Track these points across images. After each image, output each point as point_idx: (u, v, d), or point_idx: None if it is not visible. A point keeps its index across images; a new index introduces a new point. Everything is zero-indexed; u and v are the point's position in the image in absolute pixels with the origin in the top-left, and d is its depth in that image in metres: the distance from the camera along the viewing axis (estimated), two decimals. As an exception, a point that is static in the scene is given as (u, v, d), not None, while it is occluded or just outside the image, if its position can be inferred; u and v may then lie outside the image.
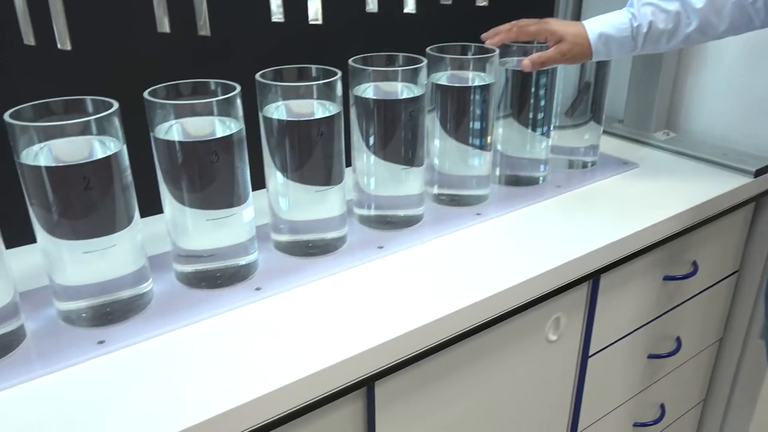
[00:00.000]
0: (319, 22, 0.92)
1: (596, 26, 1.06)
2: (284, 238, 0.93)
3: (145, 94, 0.78)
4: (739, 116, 1.33)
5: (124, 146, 0.74)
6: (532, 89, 1.11)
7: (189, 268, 0.85)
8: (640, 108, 1.42)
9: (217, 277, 0.85)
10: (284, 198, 0.91)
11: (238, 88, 0.81)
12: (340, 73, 0.88)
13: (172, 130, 0.79)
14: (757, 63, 1.28)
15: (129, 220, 0.77)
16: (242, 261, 0.87)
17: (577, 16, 1.50)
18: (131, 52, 0.97)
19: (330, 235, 0.94)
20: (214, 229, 0.83)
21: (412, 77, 0.95)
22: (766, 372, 1.38)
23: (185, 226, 0.83)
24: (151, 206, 0.92)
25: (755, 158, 1.26)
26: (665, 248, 1.13)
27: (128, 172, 0.76)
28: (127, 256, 0.78)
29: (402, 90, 0.95)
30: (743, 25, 1.03)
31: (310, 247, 0.93)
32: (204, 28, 0.87)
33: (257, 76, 0.87)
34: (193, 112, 0.79)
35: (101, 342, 0.75)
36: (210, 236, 0.83)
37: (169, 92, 0.82)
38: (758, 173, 1.22)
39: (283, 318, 0.80)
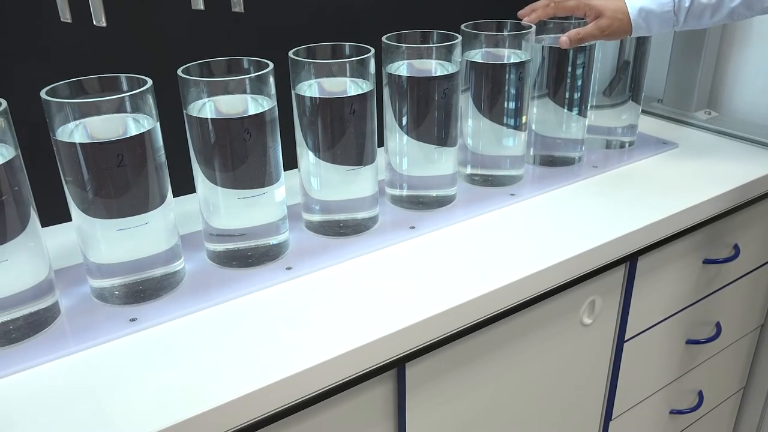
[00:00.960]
0: (353, -2, 0.91)
1: (637, 1, 1.03)
2: (315, 217, 0.93)
3: (179, 71, 0.78)
4: (785, 95, 1.30)
5: (158, 124, 0.75)
6: (569, 67, 1.08)
7: (220, 247, 0.85)
8: (681, 87, 1.39)
9: (249, 256, 0.85)
10: (316, 177, 0.90)
11: (271, 66, 0.80)
12: (373, 51, 0.87)
13: (205, 107, 0.79)
14: (806, 40, 1.24)
15: (162, 199, 0.77)
16: (273, 240, 0.86)
17: (617, -8, 1.46)
18: (165, 30, 0.97)
19: (361, 215, 0.93)
20: (245, 208, 0.83)
21: (446, 55, 0.93)
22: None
23: (217, 205, 0.83)
24: (183, 186, 0.92)
25: (802, 138, 1.23)
26: (705, 231, 1.10)
27: (162, 151, 0.76)
28: (160, 235, 0.78)
29: (436, 68, 0.93)
30: (793, -2, 1.00)
31: (342, 227, 0.92)
32: (238, 5, 0.86)
33: (290, 53, 0.86)
34: (226, 89, 0.79)
35: (133, 319, 0.75)
36: (241, 215, 0.83)
37: (202, 70, 0.82)
38: (804, 154, 1.19)
39: (314, 298, 0.80)
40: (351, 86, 0.87)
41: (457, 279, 0.83)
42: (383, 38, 0.93)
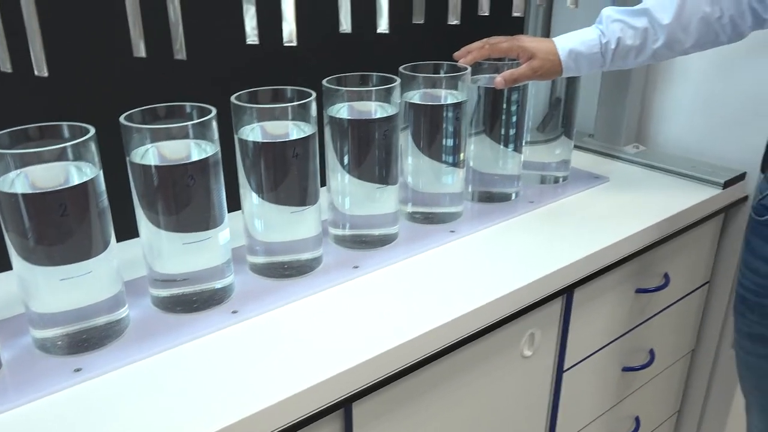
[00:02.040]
0: (294, 44, 0.93)
1: (566, 43, 1.08)
2: (260, 260, 0.94)
3: (121, 118, 0.78)
4: (706, 129, 1.36)
5: (101, 172, 0.74)
6: (504, 106, 1.13)
7: (165, 292, 0.85)
8: (610, 122, 1.45)
9: (194, 301, 0.85)
10: (260, 219, 0.91)
11: (214, 111, 0.81)
12: (314, 95, 0.89)
13: (148, 154, 0.79)
14: (724, 77, 1.31)
15: (105, 245, 0.76)
16: (218, 284, 0.87)
17: (547, 32, 1.52)
18: (107, 77, 0.97)
19: (305, 256, 0.94)
20: (190, 252, 0.83)
21: (385, 97, 0.96)
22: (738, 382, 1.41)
23: (161, 250, 0.83)
24: (126, 230, 0.91)
25: (724, 170, 1.29)
26: (637, 261, 1.15)
27: (104, 197, 0.75)
28: (103, 282, 0.77)
29: (376, 109, 0.96)
30: (709, 41, 1.05)
31: (286, 269, 0.93)
32: (180, 53, 0.87)
33: (232, 98, 0.87)
34: (169, 135, 0.79)
35: (78, 370, 0.74)
36: (186, 260, 0.83)
37: (144, 116, 0.82)
38: (726, 185, 1.25)
39: (260, 341, 0.80)
40: (293, 129, 0.88)
41: (399, 317, 0.85)
42: (323, 81, 0.96)
